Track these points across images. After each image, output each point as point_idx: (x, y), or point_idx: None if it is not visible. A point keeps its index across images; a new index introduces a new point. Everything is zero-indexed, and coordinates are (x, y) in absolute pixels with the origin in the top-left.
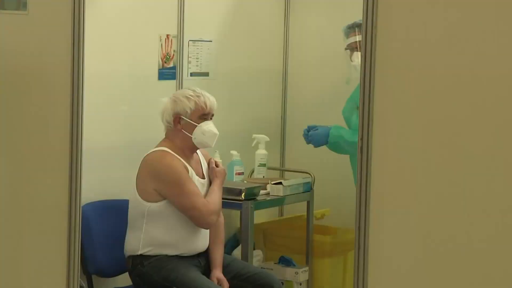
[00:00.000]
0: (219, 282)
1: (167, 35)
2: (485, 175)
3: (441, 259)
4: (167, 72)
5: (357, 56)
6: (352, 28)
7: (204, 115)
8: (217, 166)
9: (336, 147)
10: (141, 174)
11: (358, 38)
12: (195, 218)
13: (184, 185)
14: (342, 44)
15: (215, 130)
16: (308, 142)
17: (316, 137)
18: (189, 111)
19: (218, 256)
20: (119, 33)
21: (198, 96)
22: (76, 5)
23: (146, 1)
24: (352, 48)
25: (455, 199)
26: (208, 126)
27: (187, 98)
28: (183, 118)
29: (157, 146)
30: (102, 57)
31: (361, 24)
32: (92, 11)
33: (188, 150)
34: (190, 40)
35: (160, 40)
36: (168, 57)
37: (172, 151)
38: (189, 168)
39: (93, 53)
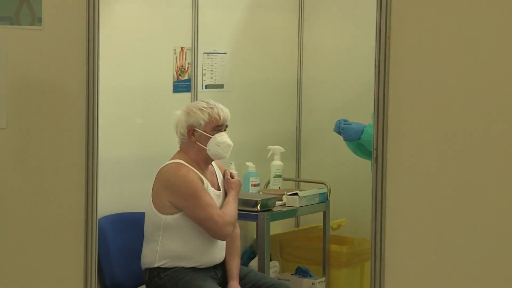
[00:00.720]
0: None
1: (182, 48)
2: (504, 183)
3: (458, 269)
4: (182, 85)
5: None
6: None
7: (218, 127)
8: (232, 177)
9: (368, 145)
10: (156, 186)
11: None
12: (211, 230)
13: (200, 197)
14: (356, 55)
15: (229, 141)
16: (338, 130)
17: (349, 131)
18: (202, 123)
19: (234, 267)
20: (134, 47)
21: (211, 108)
22: (90, 19)
23: (160, 14)
24: None
25: (472, 208)
26: (222, 137)
27: (201, 110)
28: (197, 130)
29: (172, 159)
30: (117, 70)
31: None
32: (106, 25)
33: (203, 162)
34: (204, 53)
35: (175, 53)
36: (182, 69)
37: (187, 163)
38: (204, 179)
39: (108, 67)
